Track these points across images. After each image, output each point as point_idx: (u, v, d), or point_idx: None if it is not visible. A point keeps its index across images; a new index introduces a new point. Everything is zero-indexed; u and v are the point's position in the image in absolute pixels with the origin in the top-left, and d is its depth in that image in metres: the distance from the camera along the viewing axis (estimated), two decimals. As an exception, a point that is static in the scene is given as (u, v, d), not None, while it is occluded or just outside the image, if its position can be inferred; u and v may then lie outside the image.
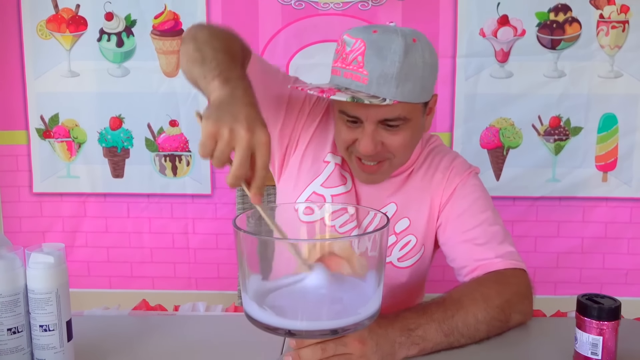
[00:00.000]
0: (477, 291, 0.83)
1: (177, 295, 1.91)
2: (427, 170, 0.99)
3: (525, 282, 0.88)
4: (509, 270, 0.88)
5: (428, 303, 0.80)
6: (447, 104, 1.80)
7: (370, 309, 0.64)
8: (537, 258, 1.85)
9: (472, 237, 0.92)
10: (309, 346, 0.69)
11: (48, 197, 1.91)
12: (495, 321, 0.81)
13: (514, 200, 1.83)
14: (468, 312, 0.78)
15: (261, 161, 0.64)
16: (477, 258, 0.90)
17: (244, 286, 0.66)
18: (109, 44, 1.83)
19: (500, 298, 0.82)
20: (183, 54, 0.83)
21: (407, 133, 0.89)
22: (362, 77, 0.83)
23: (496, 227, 0.93)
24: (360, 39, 0.84)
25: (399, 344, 0.73)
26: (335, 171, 0.98)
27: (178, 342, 0.82)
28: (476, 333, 0.79)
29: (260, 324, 0.63)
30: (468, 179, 0.98)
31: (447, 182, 0.97)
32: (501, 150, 1.81)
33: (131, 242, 1.91)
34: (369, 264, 0.64)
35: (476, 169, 1.01)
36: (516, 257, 0.91)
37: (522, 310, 0.85)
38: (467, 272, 0.91)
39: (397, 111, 0.86)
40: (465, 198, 0.95)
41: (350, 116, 0.87)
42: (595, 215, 1.83)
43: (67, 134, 1.88)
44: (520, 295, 0.86)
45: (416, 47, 0.85)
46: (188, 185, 1.87)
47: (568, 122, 1.80)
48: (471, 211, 0.94)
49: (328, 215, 0.80)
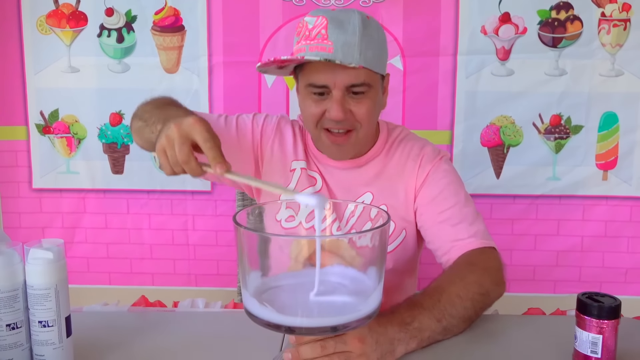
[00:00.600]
0: (453, 274, 0.88)
1: (176, 292, 1.91)
2: (399, 159, 1.04)
3: (494, 256, 0.93)
4: (479, 250, 0.94)
5: (414, 295, 0.84)
6: (448, 102, 1.80)
7: (370, 306, 0.64)
8: (537, 256, 1.85)
9: (446, 218, 0.97)
10: (309, 343, 0.69)
11: (47, 193, 1.91)
12: (477, 295, 0.84)
13: (514, 198, 1.83)
14: (450, 292, 0.82)
15: (199, 137, 0.69)
16: (451, 239, 0.96)
17: (244, 283, 0.66)
18: (109, 39, 1.83)
19: (475, 274, 0.87)
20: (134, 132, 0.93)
21: (371, 102, 0.96)
22: (328, 47, 0.90)
23: (468, 209, 0.99)
24: (322, 16, 0.92)
25: (398, 340, 0.74)
26: (303, 174, 1.04)
27: (177, 339, 0.82)
28: (464, 311, 0.81)
29: (261, 321, 0.63)
30: (439, 164, 1.03)
31: (420, 169, 1.02)
32: (502, 148, 1.81)
33: (131, 238, 1.91)
34: (370, 260, 0.64)
35: (445, 153, 1.06)
36: (486, 236, 0.97)
37: (497, 281, 0.89)
38: (443, 253, 0.97)
39: (361, 76, 0.92)
40: (437, 182, 1.01)
41: (318, 86, 0.93)
42: (595, 214, 1.83)
43: (67, 129, 1.88)
44: (491, 268, 0.91)
45: (371, 23, 0.94)
46: (188, 181, 1.87)
47: (569, 121, 1.79)
48: (444, 194, 1.00)
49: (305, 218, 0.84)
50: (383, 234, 0.64)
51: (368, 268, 0.66)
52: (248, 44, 1.78)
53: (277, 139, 1.06)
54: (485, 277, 0.88)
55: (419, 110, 1.81)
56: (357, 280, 0.67)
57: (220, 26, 1.79)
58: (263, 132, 1.06)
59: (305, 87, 0.96)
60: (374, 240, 0.63)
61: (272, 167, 1.06)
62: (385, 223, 0.64)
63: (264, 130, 1.07)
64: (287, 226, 0.93)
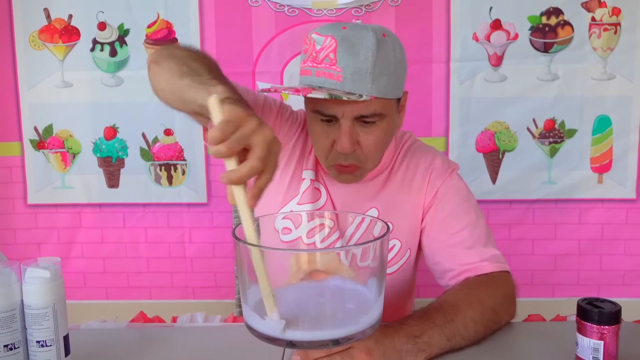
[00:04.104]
0: (472, 295, 0.84)
1: (174, 305, 1.90)
2: (406, 171, 0.98)
3: (511, 284, 0.90)
4: (496, 273, 0.90)
5: (427, 309, 0.81)
6: (442, 109, 1.80)
7: (372, 317, 0.63)
8: (534, 261, 1.84)
9: (458, 241, 0.92)
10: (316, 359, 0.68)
11: (43, 209, 1.89)
12: (490, 323, 0.83)
13: (511, 203, 1.83)
14: (466, 315, 0.79)
15: (274, 163, 0.60)
16: (463, 262, 0.91)
17: (244, 297, 0.65)
18: (102, 53, 1.82)
19: (493, 301, 0.84)
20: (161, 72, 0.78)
21: (382, 131, 0.88)
22: (336, 75, 0.82)
23: (480, 230, 0.94)
24: (331, 36, 0.82)
25: (405, 352, 0.73)
26: (310, 187, 0.97)
27: (177, 354, 0.81)
28: (475, 335, 0.80)
29: (261, 335, 0.62)
30: (450, 180, 0.98)
31: (429, 184, 0.97)
32: (497, 153, 1.81)
33: (127, 252, 1.89)
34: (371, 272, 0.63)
35: (456, 166, 1.00)
36: (501, 260, 0.92)
37: (510, 312, 0.88)
38: (451, 276, 0.92)
39: (372, 107, 0.85)
40: (448, 201, 0.95)
41: (325, 115, 0.86)
42: (592, 217, 1.82)
43: (62, 144, 1.86)
44: (508, 297, 0.88)
45: (387, 42, 0.84)
46: (184, 194, 1.86)
47: (563, 125, 1.80)
48: (455, 214, 0.94)
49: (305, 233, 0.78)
50: (383, 245, 0.64)
51: (368, 280, 0.65)
52: (241, 56, 1.78)
53: (295, 141, 0.98)
54: (501, 306, 0.85)
55: (414, 118, 1.80)
56: (357, 293, 0.66)
57: (213, 38, 1.79)
58: (289, 129, 0.97)
59: (311, 111, 0.89)
60: (374, 251, 0.62)
61: (286, 168, 0.96)
62: (385, 234, 0.64)
63: (290, 127, 0.97)
64: (285, 239, 0.86)
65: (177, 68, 0.76)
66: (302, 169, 0.98)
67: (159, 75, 0.80)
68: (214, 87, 0.68)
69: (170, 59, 0.79)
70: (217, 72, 0.78)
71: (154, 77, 0.82)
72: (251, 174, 0.57)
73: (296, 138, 0.99)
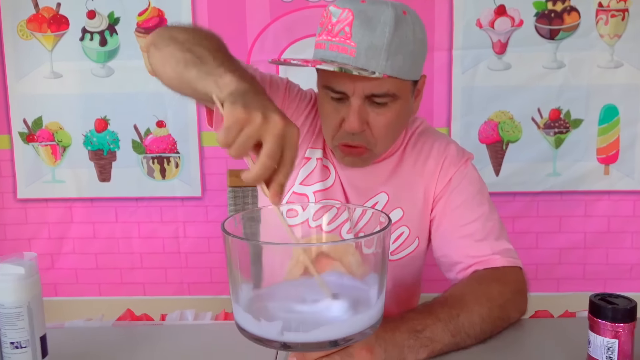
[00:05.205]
0: (480, 290, 0.81)
1: (169, 302, 1.87)
2: (418, 156, 0.95)
3: (522, 279, 0.87)
4: (507, 268, 0.86)
5: (430, 303, 0.77)
6: (444, 98, 1.76)
7: (373, 316, 0.59)
8: (539, 255, 1.81)
9: (468, 233, 0.89)
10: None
11: (33, 203, 1.86)
12: (498, 320, 0.79)
13: (514, 195, 1.80)
14: (473, 311, 0.76)
15: (291, 154, 0.57)
16: (473, 255, 0.88)
17: (235, 295, 0.61)
18: (92, 43, 1.78)
19: (502, 297, 0.80)
20: (165, 59, 0.74)
21: (394, 113, 0.84)
22: (350, 49, 0.78)
23: (493, 222, 0.91)
24: (348, 9, 0.79)
25: (407, 347, 0.70)
26: (317, 166, 0.94)
27: (165, 354, 0.77)
28: (481, 333, 0.76)
29: (253, 336, 0.58)
30: (464, 168, 0.94)
31: (442, 172, 0.93)
32: (500, 144, 1.78)
33: (120, 247, 1.87)
34: (371, 267, 0.60)
35: (470, 155, 0.97)
36: (513, 255, 0.89)
37: (521, 309, 0.84)
38: (460, 269, 0.89)
39: (385, 86, 0.81)
40: (461, 191, 0.92)
41: (336, 91, 0.82)
42: (598, 209, 1.80)
43: (51, 137, 1.83)
44: (519, 293, 0.84)
45: (407, 20, 0.81)
46: (177, 187, 1.83)
47: (568, 115, 1.76)
48: (468, 205, 0.91)
49: (312, 215, 0.74)
50: (385, 238, 0.59)
51: (368, 275, 0.61)
52: (235, 44, 1.72)
53: (303, 121, 0.94)
54: (511, 303, 0.81)
55: (415, 108, 1.77)
56: (357, 290, 0.62)
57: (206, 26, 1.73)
58: (297, 108, 0.94)
59: (322, 87, 0.85)
60: (375, 244, 0.58)
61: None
62: (386, 226, 0.59)
63: (299, 105, 0.94)
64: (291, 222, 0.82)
65: (181, 55, 0.72)
66: (306, 148, 0.95)
67: (162, 61, 0.76)
68: (221, 77, 0.66)
69: (172, 43, 0.75)
70: (223, 54, 0.73)
71: (157, 63, 0.77)
72: (264, 172, 0.56)
73: (305, 116, 0.95)
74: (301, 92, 0.97)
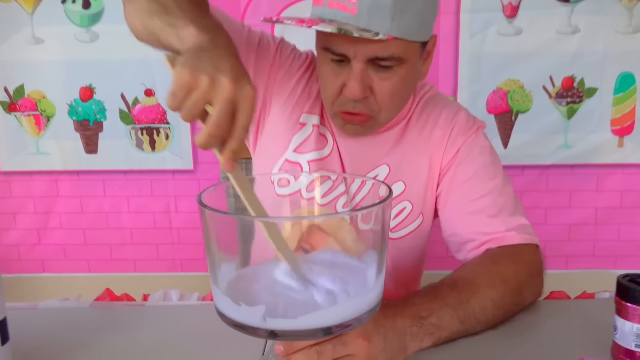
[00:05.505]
0: (493, 271, 0.74)
1: (161, 279, 1.84)
2: (424, 124, 0.88)
3: (538, 259, 0.81)
4: (523, 246, 0.80)
5: (437, 285, 0.71)
6: (450, 65, 1.69)
7: (370, 299, 0.52)
8: (547, 230, 1.77)
9: (480, 208, 0.82)
10: (302, 350, 0.57)
11: (17, 176, 1.81)
12: (512, 305, 0.73)
13: (523, 169, 1.75)
14: (485, 295, 0.70)
15: (243, 119, 0.52)
16: (485, 232, 0.81)
17: (214, 277, 0.54)
18: (75, 5, 1.69)
19: (517, 279, 0.74)
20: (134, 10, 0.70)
21: (400, 78, 0.77)
22: (350, 7, 0.71)
23: (506, 196, 0.84)
24: None
25: (410, 335, 0.63)
26: (313, 133, 0.87)
27: (145, 337, 0.72)
28: (493, 319, 0.70)
29: (233, 323, 0.52)
30: (474, 138, 0.87)
31: (449, 141, 0.86)
32: (509, 115, 1.72)
33: (109, 222, 1.83)
34: (369, 244, 0.53)
35: (481, 123, 0.90)
36: (529, 231, 0.83)
37: (537, 291, 0.79)
38: (472, 248, 0.82)
39: (390, 48, 0.74)
40: (471, 162, 0.85)
41: (335, 54, 0.76)
42: (610, 184, 1.75)
43: (34, 106, 1.77)
44: (535, 273, 0.79)
45: None
46: (168, 160, 1.78)
47: (582, 83, 1.69)
48: (478, 178, 0.84)
49: (305, 186, 0.68)
50: (385, 212, 0.52)
51: (366, 253, 0.54)
52: (228, 8, 1.63)
53: (297, 82, 0.88)
54: (527, 285, 0.76)
55: (418, 76, 1.69)
56: (353, 270, 0.54)
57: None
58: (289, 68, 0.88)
59: (321, 48, 0.79)
60: (373, 218, 0.51)
61: (279, 116, 0.88)
62: (386, 198, 0.52)
63: (291, 66, 0.88)
64: (281, 192, 0.76)
65: (147, 5, 0.67)
66: (297, 113, 0.89)
67: (132, 13, 0.71)
68: (182, 29, 0.60)
69: None
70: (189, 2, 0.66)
71: (129, 17, 0.73)
72: (210, 140, 0.52)
73: (298, 78, 0.89)
74: (295, 53, 0.90)
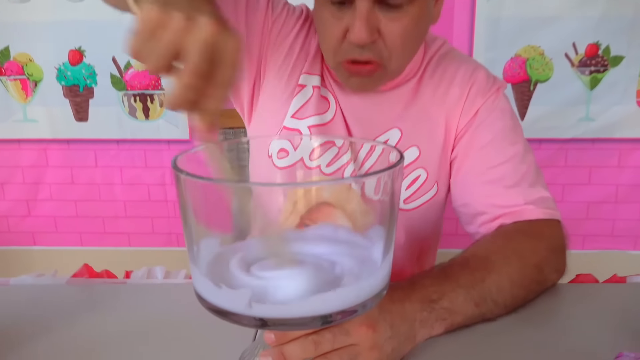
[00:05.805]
0: (509, 247, 0.68)
1: (156, 253, 1.80)
2: (439, 83, 0.81)
3: (560, 234, 0.74)
4: (542, 221, 0.74)
5: (448, 264, 0.64)
6: (465, 30, 1.61)
7: (377, 282, 0.45)
8: (564, 208, 1.65)
9: (497, 177, 0.76)
10: (296, 339, 0.50)
11: (4, 145, 1.76)
12: (532, 283, 0.66)
13: (540, 142, 1.69)
14: (501, 273, 0.63)
15: (225, 71, 0.44)
16: (501, 204, 0.75)
17: (192, 256, 0.47)
18: (62, -40, 1.62)
19: (536, 255, 0.68)
20: None
21: (411, 19, 0.70)
22: None
23: (527, 165, 0.77)
24: None
25: (420, 321, 0.57)
26: (314, 96, 0.80)
27: (125, 318, 0.67)
28: (512, 300, 0.64)
29: (214, 308, 0.45)
30: (495, 99, 0.79)
31: (467, 101, 0.79)
32: (528, 84, 1.64)
33: (101, 194, 1.78)
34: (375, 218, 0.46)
35: (502, 83, 0.82)
36: (551, 205, 0.76)
37: (559, 269, 0.72)
38: (484, 221, 0.76)
39: None
40: (490, 126, 0.78)
41: None
42: (633, 160, 1.70)
43: (21, 70, 1.71)
44: (556, 250, 0.72)
45: None
46: (162, 129, 1.72)
47: (607, 51, 1.61)
48: (497, 143, 0.77)
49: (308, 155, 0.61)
50: (395, 180, 0.44)
51: (371, 228, 0.47)
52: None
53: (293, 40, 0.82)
54: (547, 262, 0.70)
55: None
56: (357, 248, 0.47)
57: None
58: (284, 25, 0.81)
59: None
60: (382, 188, 0.43)
61: (277, 81, 0.82)
62: (396, 164, 0.43)
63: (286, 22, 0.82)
64: (280, 164, 0.72)
65: None
66: (296, 74, 0.81)
67: None
68: None
69: None
70: None
71: None
72: (186, 94, 0.43)
73: (295, 35, 0.82)
74: (288, 7, 0.82)
